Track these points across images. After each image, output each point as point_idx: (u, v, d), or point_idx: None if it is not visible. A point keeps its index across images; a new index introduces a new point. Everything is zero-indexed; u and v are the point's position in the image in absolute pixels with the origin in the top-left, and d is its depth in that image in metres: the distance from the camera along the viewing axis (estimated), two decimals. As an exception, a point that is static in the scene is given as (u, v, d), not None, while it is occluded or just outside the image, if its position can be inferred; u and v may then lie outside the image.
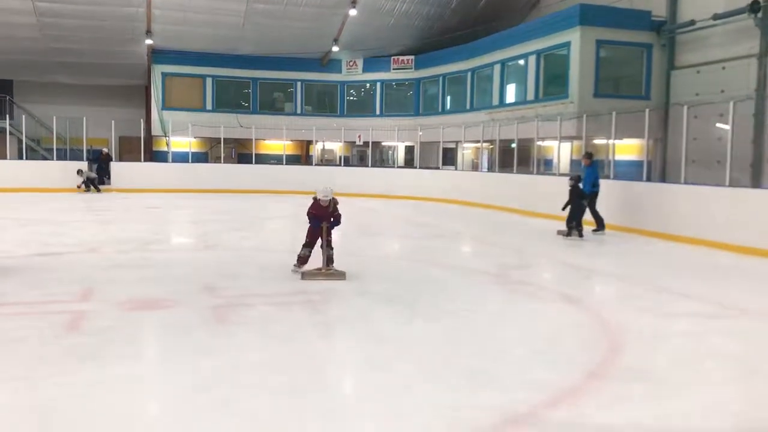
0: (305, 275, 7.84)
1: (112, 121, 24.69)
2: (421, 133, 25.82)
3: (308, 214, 8.17)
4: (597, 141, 19.25)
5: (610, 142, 15.89)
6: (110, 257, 9.55)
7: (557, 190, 16.37)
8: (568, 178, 13.46)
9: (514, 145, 20.22)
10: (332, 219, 8.13)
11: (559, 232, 13.08)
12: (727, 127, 12.45)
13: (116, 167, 24.89)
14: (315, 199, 8.12)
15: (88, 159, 24.57)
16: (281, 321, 6.10)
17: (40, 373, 4.51)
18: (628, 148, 18.40)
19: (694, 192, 12.83)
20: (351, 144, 29.90)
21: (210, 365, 4.77)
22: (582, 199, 12.89)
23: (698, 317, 6.59)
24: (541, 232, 13.80)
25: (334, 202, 8.12)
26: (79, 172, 23.32)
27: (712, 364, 5.10)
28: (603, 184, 13.93)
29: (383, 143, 29.84)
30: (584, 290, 8.34)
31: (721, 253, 11.12)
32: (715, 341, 5.71)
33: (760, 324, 6.43)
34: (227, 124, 26.73)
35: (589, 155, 13.93)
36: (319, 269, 7.92)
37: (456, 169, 25.88)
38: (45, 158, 26.79)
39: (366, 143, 27.08)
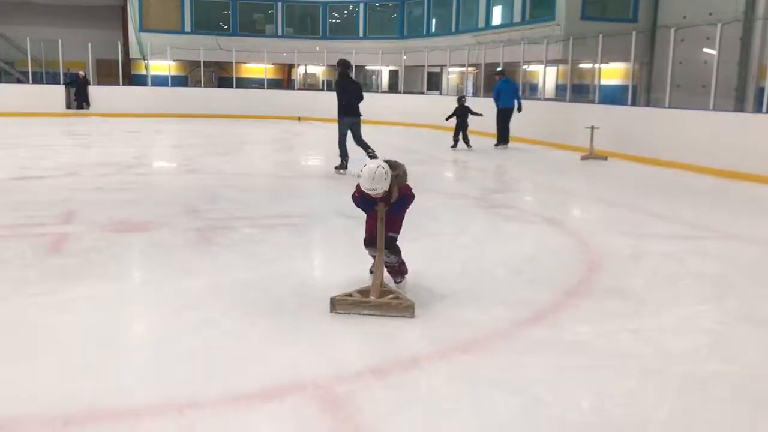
0: (337, 304, 4.26)
1: (89, 44, 23.98)
2: (405, 57, 25.36)
3: (353, 197, 4.62)
4: (583, 65, 19.04)
5: (596, 66, 15.73)
6: (91, 181, 9.46)
7: (541, 114, 16.34)
8: (458, 97, 15.72)
9: (499, 69, 19.96)
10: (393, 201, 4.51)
11: (583, 158, 13.17)
12: (714, 52, 12.32)
13: (94, 91, 24.33)
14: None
15: (65, 83, 23.99)
16: (265, 242, 6.12)
17: (23, 293, 4.52)
18: (613, 72, 18.25)
19: (679, 116, 12.81)
20: (334, 68, 29.32)
21: (194, 285, 4.80)
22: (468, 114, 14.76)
23: (676, 238, 6.70)
24: (525, 156, 13.81)
25: (400, 186, 4.48)
26: None
27: (688, 283, 5.21)
28: (587, 107, 13.88)
29: (367, 67, 29.32)
30: (565, 213, 8.42)
31: (703, 177, 11.22)
32: (692, 261, 5.82)
33: (737, 244, 6.55)
34: (207, 47, 26.07)
35: (501, 72, 15.65)
36: (366, 294, 4.31)
37: (441, 94, 25.58)
38: (20, 81, 26.11)
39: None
